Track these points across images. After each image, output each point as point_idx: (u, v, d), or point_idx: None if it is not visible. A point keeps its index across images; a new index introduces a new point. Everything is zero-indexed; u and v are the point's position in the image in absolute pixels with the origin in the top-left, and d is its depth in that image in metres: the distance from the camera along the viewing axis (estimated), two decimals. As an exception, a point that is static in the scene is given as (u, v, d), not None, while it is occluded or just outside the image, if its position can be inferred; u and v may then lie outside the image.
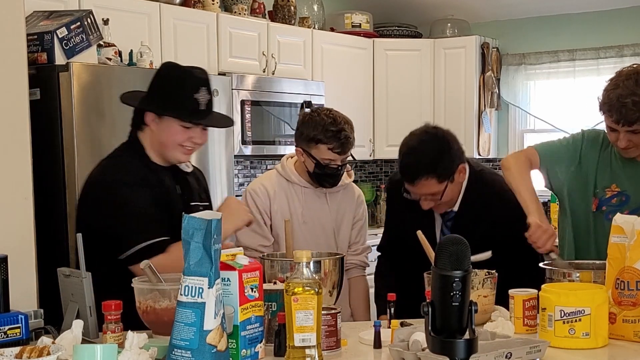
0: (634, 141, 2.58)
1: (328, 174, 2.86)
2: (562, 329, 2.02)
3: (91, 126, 3.53)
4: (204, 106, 2.39)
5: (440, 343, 1.56)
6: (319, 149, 2.80)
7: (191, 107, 2.37)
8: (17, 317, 1.95)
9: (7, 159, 2.12)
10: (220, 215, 1.75)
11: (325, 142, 2.79)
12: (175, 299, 1.93)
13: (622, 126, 2.54)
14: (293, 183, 2.91)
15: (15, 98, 2.16)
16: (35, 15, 3.62)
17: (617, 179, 2.71)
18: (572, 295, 2.04)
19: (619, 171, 2.72)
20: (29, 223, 2.19)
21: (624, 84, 2.54)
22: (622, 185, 2.71)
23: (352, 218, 3.01)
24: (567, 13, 5.88)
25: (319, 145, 2.79)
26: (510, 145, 6.19)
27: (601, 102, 2.61)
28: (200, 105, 2.38)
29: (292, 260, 2.10)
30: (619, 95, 2.52)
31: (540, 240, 2.54)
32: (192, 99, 2.37)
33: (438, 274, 1.56)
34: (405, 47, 6.03)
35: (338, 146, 2.79)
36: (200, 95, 2.38)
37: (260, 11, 5.07)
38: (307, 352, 1.78)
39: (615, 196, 2.71)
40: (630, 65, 2.67)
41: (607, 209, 2.70)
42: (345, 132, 2.81)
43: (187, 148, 2.42)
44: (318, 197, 2.93)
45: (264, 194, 2.88)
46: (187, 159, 2.50)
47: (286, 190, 2.91)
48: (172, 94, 2.38)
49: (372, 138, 5.98)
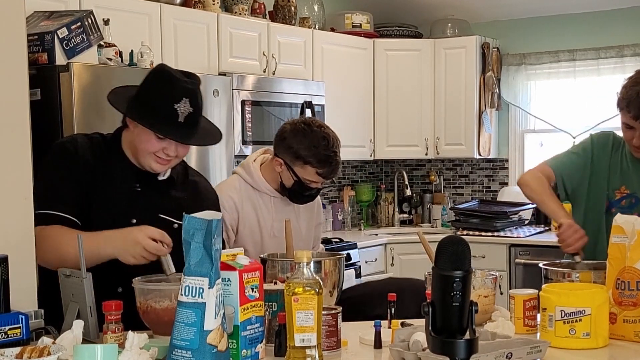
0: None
1: (306, 195, 2.77)
2: (562, 329, 2.02)
3: (91, 126, 3.52)
4: (182, 118, 2.25)
5: (441, 343, 1.56)
6: (305, 169, 2.69)
7: (167, 118, 2.25)
8: (18, 317, 1.95)
9: (7, 159, 2.12)
10: (221, 215, 1.75)
11: (314, 166, 2.68)
12: (175, 299, 1.93)
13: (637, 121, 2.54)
14: (261, 192, 2.79)
15: (16, 98, 2.16)
16: (35, 16, 3.62)
17: (627, 181, 2.72)
18: (573, 295, 2.04)
19: (629, 173, 2.72)
20: (29, 223, 2.18)
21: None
22: (632, 187, 2.71)
23: (313, 222, 2.96)
24: (567, 13, 5.88)
25: (307, 166, 2.68)
26: (511, 145, 6.19)
27: (620, 98, 2.61)
28: (178, 117, 2.25)
29: (292, 260, 2.10)
30: (639, 92, 2.53)
31: (571, 239, 2.56)
32: (170, 110, 2.25)
33: (438, 274, 1.56)
34: (405, 47, 6.03)
35: (327, 172, 2.69)
36: (181, 106, 2.25)
37: (260, 11, 5.07)
38: (307, 352, 1.78)
39: (624, 198, 2.72)
40: None
41: (617, 210, 2.68)
42: (337, 157, 2.70)
43: (160, 158, 2.32)
44: (287, 206, 2.83)
45: (231, 208, 2.75)
46: (162, 169, 2.37)
47: (254, 201, 2.78)
48: (151, 101, 2.28)
49: (372, 138, 5.98)
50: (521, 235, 5.41)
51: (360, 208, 6.42)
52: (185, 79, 2.29)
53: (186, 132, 2.29)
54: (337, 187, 6.23)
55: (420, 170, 6.59)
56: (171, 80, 2.27)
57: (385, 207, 6.44)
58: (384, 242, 5.61)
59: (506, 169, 6.23)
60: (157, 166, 2.34)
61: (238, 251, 1.93)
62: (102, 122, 3.56)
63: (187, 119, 2.27)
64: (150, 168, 2.35)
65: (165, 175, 2.43)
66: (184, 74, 2.33)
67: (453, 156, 6.22)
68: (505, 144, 6.22)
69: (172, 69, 2.34)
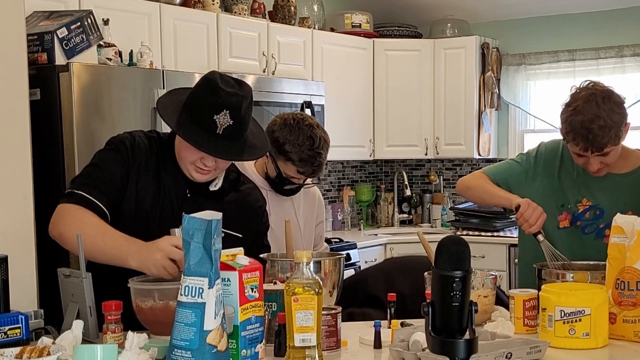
0: (605, 162, 2.51)
1: (286, 189, 2.78)
2: (562, 329, 2.02)
3: (91, 126, 3.53)
4: (221, 130, 2.17)
5: (441, 343, 1.56)
6: (287, 165, 2.71)
7: (206, 129, 2.17)
8: (17, 318, 1.95)
9: (7, 159, 2.12)
10: (221, 215, 1.75)
11: (295, 164, 2.70)
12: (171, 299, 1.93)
13: (591, 153, 2.47)
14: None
15: (16, 98, 2.16)
16: (35, 16, 3.62)
17: (588, 193, 2.65)
18: (572, 295, 2.04)
19: (587, 185, 2.64)
20: (29, 223, 2.19)
21: (585, 108, 2.44)
22: (594, 199, 2.64)
23: (314, 220, 2.95)
24: (567, 13, 5.89)
25: (288, 162, 2.71)
26: (510, 145, 6.19)
27: (564, 132, 2.52)
28: (217, 129, 2.17)
29: (292, 260, 2.10)
30: (582, 122, 2.43)
31: (532, 218, 2.47)
32: (209, 121, 2.17)
33: (438, 274, 1.56)
34: (405, 47, 6.04)
35: (308, 171, 2.72)
36: (221, 118, 2.16)
37: (260, 11, 5.07)
38: (307, 352, 1.78)
39: (587, 210, 2.65)
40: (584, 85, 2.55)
41: (582, 223, 2.65)
42: (320, 158, 2.70)
43: (200, 168, 2.26)
44: (283, 201, 2.84)
45: None
46: (202, 179, 2.30)
47: None
48: (194, 109, 2.21)
49: (372, 138, 5.98)
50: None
51: (360, 208, 6.42)
52: (229, 89, 2.19)
53: (223, 145, 2.20)
54: (337, 187, 6.24)
55: (420, 170, 6.59)
56: (215, 90, 2.19)
57: (385, 207, 6.44)
58: (383, 242, 5.62)
59: (506, 169, 6.22)
60: (196, 175, 2.29)
61: (238, 251, 1.93)
62: (101, 122, 3.57)
63: (226, 131, 2.19)
64: (190, 176, 2.31)
65: (217, 187, 2.39)
66: (232, 84, 2.23)
67: (453, 156, 6.22)
68: (505, 144, 6.22)
69: (223, 76, 2.23)
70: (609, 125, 2.41)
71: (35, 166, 2.42)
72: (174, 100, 2.30)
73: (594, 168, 2.52)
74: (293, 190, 2.84)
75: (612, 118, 2.42)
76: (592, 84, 2.53)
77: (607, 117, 2.41)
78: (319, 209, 2.99)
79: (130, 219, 2.28)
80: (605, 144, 2.44)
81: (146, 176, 2.31)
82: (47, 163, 3.41)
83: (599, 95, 2.45)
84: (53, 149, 3.47)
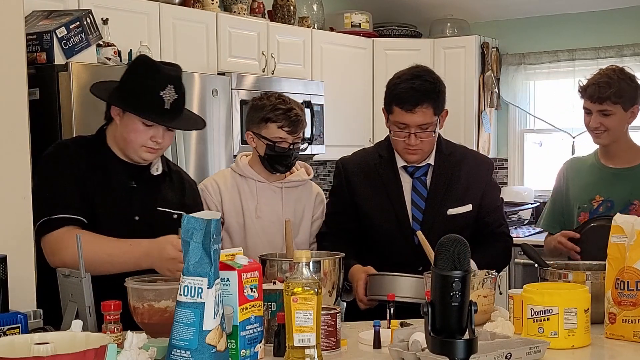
0: (604, 124, 2.80)
1: (279, 155, 2.80)
2: (532, 327, 2.05)
3: (90, 126, 3.50)
4: (168, 105, 2.30)
5: (440, 343, 1.56)
6: (269, 128, 2.77)
7: (154, 105, 2.29)
8: (16, 317, 1.95)
9: (6, 158, 2.12)
10: (220, 215, 1.75)
11: (274, 120, 2.77)
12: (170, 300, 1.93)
13: (594, 103, 2.78)
14: (247, 178, 2.87)
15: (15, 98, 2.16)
16: (34, 15, 3.62)
17: (600, 189, 2.87)
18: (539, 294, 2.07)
19: (601, 181, 2.88)
20: (27, 223, 2.18)
21: (604, 72, 2.82)
22: (605, 193, 2.86)
23: (311, 216, 2.95)
24: (567, 13, 5.88)
25: (269, 124, 2.77)
26: (510, 145, 6.19)
27: (584, 87, 2.84)
28: (164, 104, 2.29)
29: (291, 260, 2.09)
30: (597, 79, 2.80)
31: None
32: (156, 97, 2.28)
33: (438, 274, 1.55)
34: (404, 47, 6.03)
35: (288, 124, 2.77)
36: (167, 93, 2.29)
37: (259, 11, 5.06)
38: (306, 352, 1.78)
39: (601, 204, 2.85)
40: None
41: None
42: (295, 111, 2.80)
43: (149, 147, 2.35)
44: (274, 192, 2.88)
45: (214, 190, 2.86)
46: (152, 158, 2.40)
47: (239, 186, 2.88)
48: (137, 89, 2.31)
49: (371, 138, 5.97)
50: (520, 235, 5.41)
51: (360, 208, 6.41)
52: (168, 66, 2.35)
53: (173, 117, 2.34)
54: (337, 187, 6.23)
55: (420, 170, 6.58)
56: (155, 68, 2.32)
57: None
58: (383, 242, 5.61)
59: (505, 168, 6.23)
60: (147, 155, 2.37)
61: (237, 251, 1.93)
62: (101, 122, 3.54)
63: (173, 105, 2.32)
64: (141, 158, 2.38)
65: (159, 171, 2.48)
66: (165, 63, 2.39)
67: (452, 156, 6.21)
68: (504, 143, 6.22)
69: (152, 59, 2.40)
70: (615, 85, 2.77)
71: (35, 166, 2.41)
72: (105, 89, 2.40)
73: (594, 124, 2.81)
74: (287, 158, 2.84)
75: (621, 83, 2.78)
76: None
77: (617, 80, 2.78)
78: (318, 205, 2.98)
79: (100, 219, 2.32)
80: (606, 97, 2.76)
81: (94, 174, 2.36)
82: (47, 163, 3.40)
83: (619, 68, 2.86)
84: (52, 149, 3.47)
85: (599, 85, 2.77)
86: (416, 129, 2.66)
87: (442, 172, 2.74)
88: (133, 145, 2.35)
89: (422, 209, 2.72)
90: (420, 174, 2.75)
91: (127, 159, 2.40)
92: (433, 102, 2.64)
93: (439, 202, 2.71)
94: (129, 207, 2.38)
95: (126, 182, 2.40)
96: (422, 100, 2.63)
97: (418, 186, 2.74)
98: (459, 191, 2.73)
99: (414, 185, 2.75)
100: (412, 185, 2.75)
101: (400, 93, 2.68)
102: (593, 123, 2.81)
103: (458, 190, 2.73)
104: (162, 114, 2.31)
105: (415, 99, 2.63)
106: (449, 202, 2.71)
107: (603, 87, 2.76)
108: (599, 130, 2.82)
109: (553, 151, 6.03)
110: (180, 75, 2.35)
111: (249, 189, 2.87)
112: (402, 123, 2.68)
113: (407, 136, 2.67)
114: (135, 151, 2.36)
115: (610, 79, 2.78)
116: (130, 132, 2.33)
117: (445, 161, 2.77)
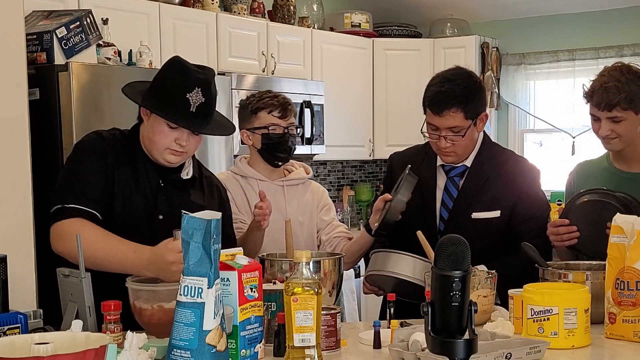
0: (616, 131, 2.58)
1: (276, 143, 2.81)
2: (532, 327, 2.05)
3: (90, 126, 3.52)
4: (194, 108, 2.27)
5: (440, 343, 1.56)
6: (259, 117, 2.81)
7: (179, 107, 2.26)
8: (17, 317, 1.95)
9: (6, 158, 2.12)
10: (220, 215, 1.75)
11: (263, 108, 2.80)
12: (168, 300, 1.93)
13: (602, 110, 2.56)
14: (248, 178, 2.88)
15: (15, 98, 2.16)
16: (34, 15, 3.62)
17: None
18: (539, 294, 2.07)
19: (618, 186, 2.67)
20: (28, 222, 2.19)
21: (610, 74, 2.60)
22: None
23: (317, 209, 2.95)
24: (567, 13, 5.89)
25: (259, 113, 2.81)
26: (510, 145, 6.18)
27: (588, 93, 2.65)
28: (190, 107, 2.26)
29: (291, 260, 2.09)
30: (603, 82, 2.58)
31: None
32: (182, 99, 2.25)
33: (438, 274, 1.55)
34: (404, 47, 6.03)
35: (277, 108, 2.80)
36: (193, 95, 2.26)
37: (259, 11, 5.07)
38: (306, 352, 1.78)
39: None
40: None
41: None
42: (283, 97, 2.84)
43: (174, 150, 2.32)
44: (275, 191, 2.87)
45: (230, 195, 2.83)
46: (176, 161, 2.36)
47: (242, 185, 2.89)
48: (164, 90, 2.29)
49: (371, 138, 5.98)
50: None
51: (360, 208, 6.42)
52: (198, 69, 2.31)
53: (198, 121, 2.30)
54: (336, 187, 6.23)
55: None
56: (184, 70, 2.29)
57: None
58: (383, 242, 5.60)
59: (505, 168, 6.22)
60: (171, 157, 2.35)
61: (237, 251, 1.93)
62: (101, 122, 3.56)
63: (199, 109, 2.28)
64: (165, 160, 2.35)
65: (189, 175, 2.46)
66: (196, 65, 2.35)
67: (452, 156, 6.21)
68: (504, 143, 6.20)
69: (186, 61, 2.34)
70: (624, 89, 2.54)
71: (35, 166, 2.41)
72: (137, 90, 2.37)
73: (604, 132, 2.59)
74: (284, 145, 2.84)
75: (630, 85, 2.56)
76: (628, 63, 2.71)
77: (625, 83, 2.55)
78: (323, 198, 2.99)
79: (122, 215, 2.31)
80: (615, 104, 2.54)
81: (123, 169, 2.34)
82: (47, 163, 3.40)
83: (625, 67, 2.63)
84: (52, 149, 3.47)
85: (606, 90, 2.56)
86: (446, 131, 2.61)
87: (477, 175, 2.70)
88: (157, 146, 2.33)
89: (449, 209, 2.69)
90: (455, 174, 2.72)
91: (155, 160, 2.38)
92: (463, 106, 2.58)
93: (467, 204, 2.67)
94: (154, 205, 2.36)
95: (154, 180, 2.38)
96: (450, 104, 2.58)
97: (450, 186, 2.71)
98: (490, 196, 2.67)
99: (446, 184, 2.72)
100: (445, 184, 2.72)
101: (430, 96, 2.65)
102: (603, 131, 2.59)
103: (489, 195, 2.67)
104: (187, 116, 2.27)
105: (443, 103, 2.59)
106: (477, 206, 2.66)
107: (611, 93, 2.54)
108: (610, 136, 2.60)
109: (553, 151, 6.03)
110: (210, 80, 2.32)
111: (251, 188, 2.87)
112: (433, 125, 2.65)
113: (438, 138, 2.64)
114: (159, 153, 2.34)
115: (618, 82, 2.56)
116: (155, 134, 2.31)
117: (484, 164, 2.71)
